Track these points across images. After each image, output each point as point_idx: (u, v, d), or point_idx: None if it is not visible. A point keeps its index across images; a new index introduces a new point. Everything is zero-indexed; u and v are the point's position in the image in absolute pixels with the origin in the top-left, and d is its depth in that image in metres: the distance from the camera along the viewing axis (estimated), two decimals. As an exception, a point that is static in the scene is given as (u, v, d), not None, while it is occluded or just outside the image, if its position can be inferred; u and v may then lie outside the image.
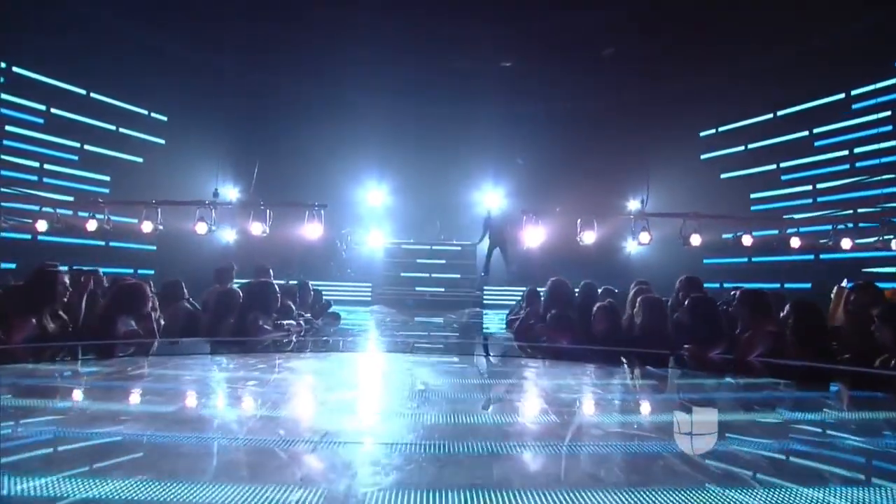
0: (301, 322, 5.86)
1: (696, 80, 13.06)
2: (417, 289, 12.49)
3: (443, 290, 12.45)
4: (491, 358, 4.42)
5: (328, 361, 3.75)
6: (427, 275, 12.58)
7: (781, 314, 4.22)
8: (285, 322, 5.36)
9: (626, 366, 3.88)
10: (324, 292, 12.51)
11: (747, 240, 10.46)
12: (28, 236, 12.02)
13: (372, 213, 14.36)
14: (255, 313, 5.18)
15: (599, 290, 5.92)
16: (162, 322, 5.38)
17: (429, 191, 13.92)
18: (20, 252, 11.71)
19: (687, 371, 3.66)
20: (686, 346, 4.18)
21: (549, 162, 13.64)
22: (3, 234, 11.77)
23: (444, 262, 12.87)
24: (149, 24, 12.63)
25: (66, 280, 4.71)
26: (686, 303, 4.16)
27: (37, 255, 12.02)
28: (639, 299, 4.92)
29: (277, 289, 5.47)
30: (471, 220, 14.53)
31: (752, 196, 12.69)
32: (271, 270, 7.60)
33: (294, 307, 6.09)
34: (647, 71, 13.05)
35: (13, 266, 11.79)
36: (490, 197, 14.72)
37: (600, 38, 13.08)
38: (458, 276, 12.88)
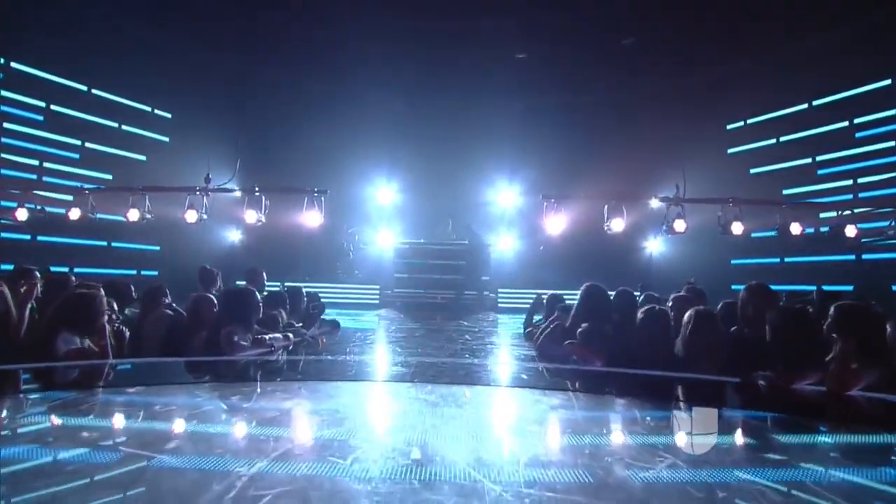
0: (289, 335, 4.93)
1: (722, 70, 11.98)
2: (428, 291, 11.51)
3: (454, 293, 11.43)
4: (511, 389, 3.40)
5: (298, 399, 2.79)
6: (438, 276, 11.57)
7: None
8: (268, 336, 4.43)
9: (692, 406, 2.87)
10: (330, 296, 11.66)
11: (796, 228, 9.08)
12: (27, 237, 11.35)
13: (381, 212, 13.42)
14: (232, 326, 4.26)
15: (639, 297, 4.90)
16: (127, 334, 4.50)
17: (440, 188, 12.94)
18: (18, 253, 11.03)
19: (789, 417, 2.65)
20: (761, 372, 3.18)
21: (567, 156, 12.59)
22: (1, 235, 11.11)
23: (456, 262, 11.83)
24: (152, 18, 11.89)
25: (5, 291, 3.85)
26: (774, 315, 3.16)
27: (36, 256, 11.37)
28: (691, 311, 3.89)
29: (259, 297, 4.55)
30: (485, 219, 13.57)
31: (785, 192, 11.51)
32: (264, 273, 6.73)
33: (283, 316, 5.17)
34: (669, 61, 11.96)
35: (10, 267, 11.12)
36: (505, 194, 13.74)
37: (620, 26, 12.05)
38: (473, 278, 11.86)
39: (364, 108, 12.77)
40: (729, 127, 12.78)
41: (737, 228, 8.85)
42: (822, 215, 9.86)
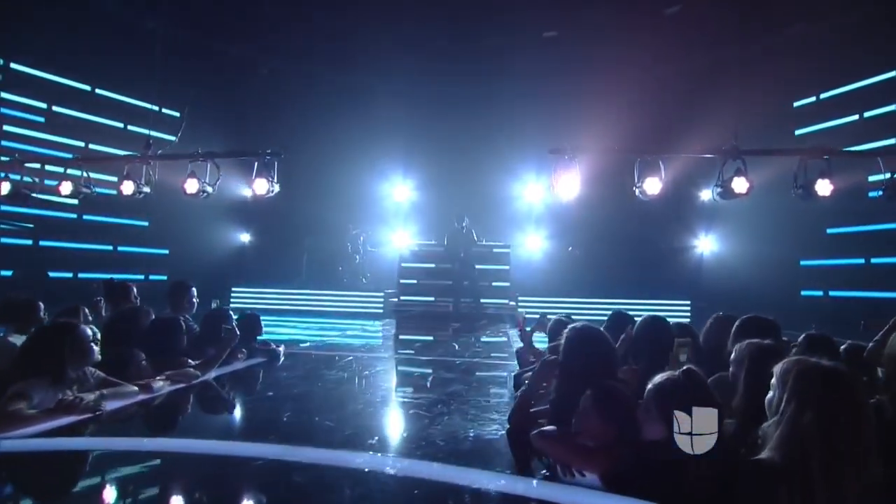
0: (154, 384, 3.24)
1: (787, 36, 9.53)
2: (438, 299, 9.67)
3: (469, 300, 9.52)
4: None
5: None
6: (450, 282, 9.67)
7: None
8: (94, 395, 2.74)
9: None
10: (329, 304, 10.07)
11: None
12: (29, 241, 10.44)
13: (392, 212, 11.70)
14: (25, 383, 2.61)
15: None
16: None
17: (457, 185, 11.10)
18: (20, 259, 10.15)
19: None
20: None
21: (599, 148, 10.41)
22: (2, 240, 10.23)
23: (468, 268, 9.88)
24: (158, 12, 10.77)
25: None
26: None
27: (39, 262, 10.47)
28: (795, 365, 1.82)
29: (86, 333, 2.88)
30: (508, 218, 11.63)
31: (871, 179, 8.93)
32: (194, 289, 5.07)
33: (146, 355, 3.45)
34: (722, 28, 9.58)
35: (9, 274, 10.24)
36: (532, 189, 11.74)
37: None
38: (489, 283, 9.93)
39: (374, 98, 11.16)
40: (796, 104, 10.24)
41: (823, 188, 5.95)
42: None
